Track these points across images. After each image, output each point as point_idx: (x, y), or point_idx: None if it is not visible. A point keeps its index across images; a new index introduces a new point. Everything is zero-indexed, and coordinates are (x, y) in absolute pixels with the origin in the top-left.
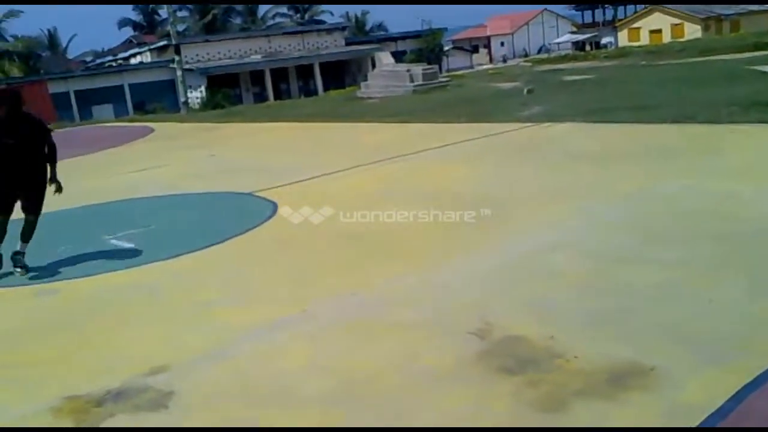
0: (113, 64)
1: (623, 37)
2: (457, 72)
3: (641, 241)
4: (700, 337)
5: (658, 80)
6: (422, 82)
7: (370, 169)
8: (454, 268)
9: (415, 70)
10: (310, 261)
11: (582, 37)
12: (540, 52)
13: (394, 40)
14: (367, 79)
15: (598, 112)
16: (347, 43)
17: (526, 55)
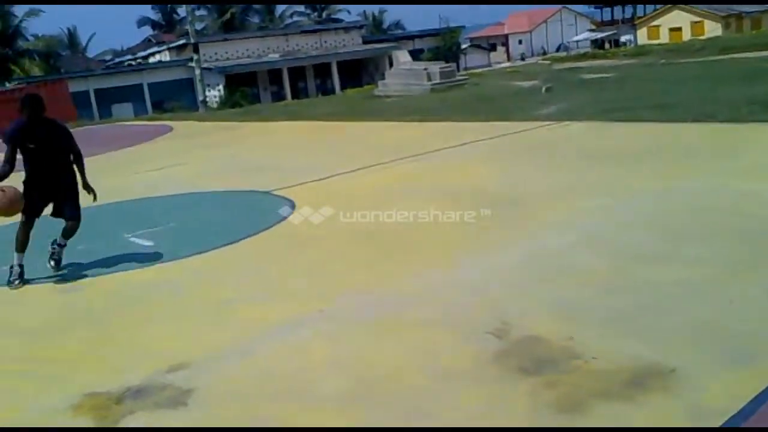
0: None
1: (642, 35)
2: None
3: (661, 240)
4: (721, 338)
5: (677, 78)
6: (440, 80)
7: (388, 168)
8: (472, 267)
9: (433, 69)
10: (329, 259)
11: (601, 35)
12: (558, 51)
13: (412, 38)
14: (384, 78)
15: (618, 110)
16: (364, 42)
17: (545, 53)
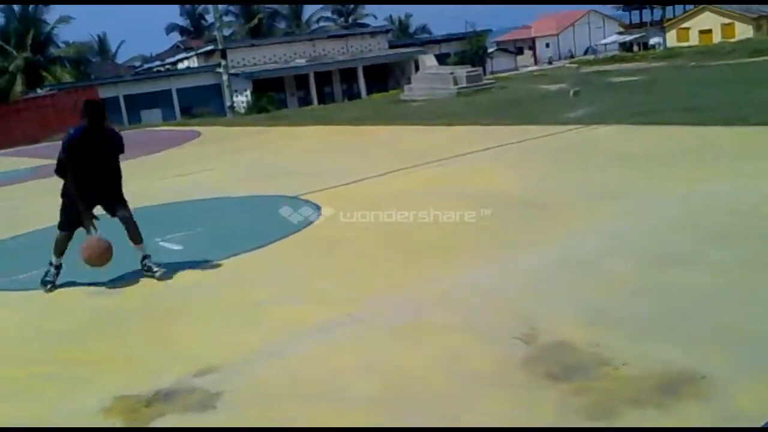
0: (161, 68)
1: (672, 38)
2: (502, 74)
3: (691, 244)
4: (750, 342)
5: (708, 81)
6: (466, 84)
7: (415, 172)
8: (501, 271)
9: (459, 73)
10: (357, 263)
11: (629, 38)
12: (586, 54)
13: (438, 42)
14: (410, 82)
15: (647, 113)
16: (391, 46)
17: (572, 57)
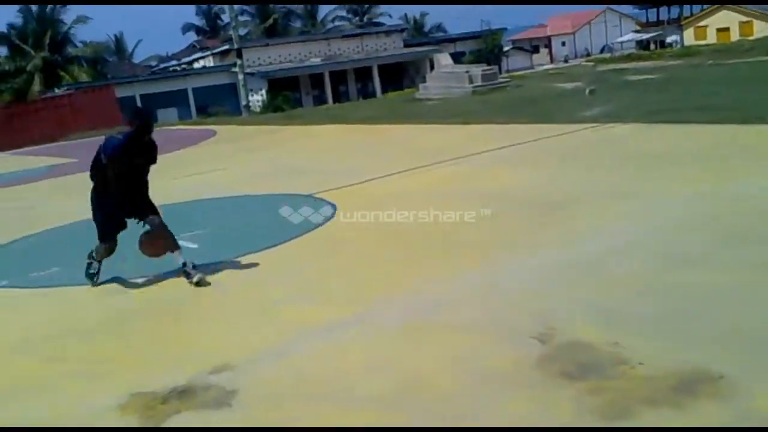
0: (177, 68)
1: (689, 36)
2: (517, 72)
3: (709, 243)
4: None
5: (725, 80)
6: (481, 83)
7: (430, 170)
8: (515, 269)
9: (474, 71)
10: (370, 262)
11: (646, 36)
12: (602, 52)
13: (453, 41)
14: (425, 81)
15: (663, 112)
16: (406, 45)
17: (588, 55)
